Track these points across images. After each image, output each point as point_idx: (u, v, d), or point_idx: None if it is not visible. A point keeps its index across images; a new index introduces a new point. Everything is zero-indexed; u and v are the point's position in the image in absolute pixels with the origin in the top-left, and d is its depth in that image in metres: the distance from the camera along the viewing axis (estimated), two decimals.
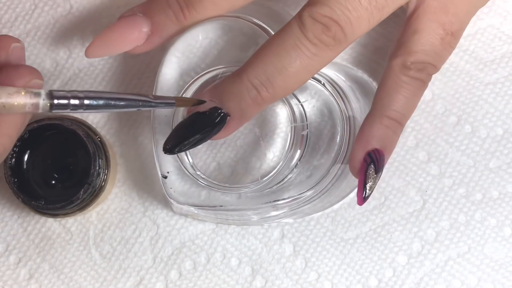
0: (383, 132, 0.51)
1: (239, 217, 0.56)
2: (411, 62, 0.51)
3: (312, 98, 0.56)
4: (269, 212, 0.55)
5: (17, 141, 0.54)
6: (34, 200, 0.54)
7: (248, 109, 0.50)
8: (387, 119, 0.51)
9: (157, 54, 0.58)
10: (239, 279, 0.58)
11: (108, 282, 0.58)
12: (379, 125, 0.51)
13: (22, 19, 0.59)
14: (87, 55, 0.52)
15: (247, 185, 0.56)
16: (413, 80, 0.51)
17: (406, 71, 0.51)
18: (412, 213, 0.58)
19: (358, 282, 0.57)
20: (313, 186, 0.54)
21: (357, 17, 0.49)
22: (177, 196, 0.55)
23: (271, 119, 0.57)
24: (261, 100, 0.49)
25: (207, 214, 0.55)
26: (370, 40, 0.58)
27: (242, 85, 0.49)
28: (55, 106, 0.45)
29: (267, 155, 0.57)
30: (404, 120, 0.52)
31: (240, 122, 0.51)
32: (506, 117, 0.58)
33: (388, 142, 0.52)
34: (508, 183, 0.57)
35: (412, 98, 0.52)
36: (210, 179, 0.56)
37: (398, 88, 0.51)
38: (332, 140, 0.56)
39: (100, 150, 0.55)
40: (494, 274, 0.57)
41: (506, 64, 0.58)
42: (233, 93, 0.49)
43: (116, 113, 0.58)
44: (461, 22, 0.52)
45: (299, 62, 0.48)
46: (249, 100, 0.49)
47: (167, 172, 0.55)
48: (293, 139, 0.56)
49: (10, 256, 0.58)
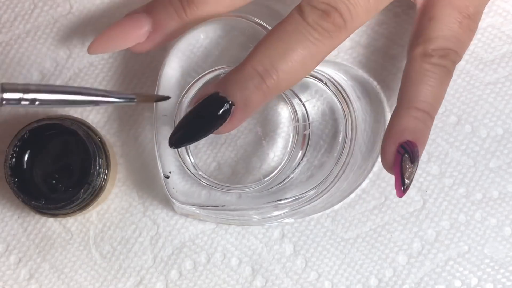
0: (413, 124, 0.50)
1: (241, 217, 0.56)
2: (432, 49, 0.50)
3: (313, 97, 0.56)
4: (270, 212, 0.55)
5: (17, 141, 0.54)
6: (34, 200, 0.54)
7: (253, 97, 0.49)
8: (416, 110, 0.50)
9: (158, 54, 0.58)
10: (239, 279, 0.58)
11: (108, 282, 0.58)
12: (408, 117, 0.50)
13: (22, 19, 0.59)
14: (89, 51, 0.53)
15: (249, 185, 0.56)
16: (437, 67, 0.50)
17: (428, 59, 0.50)
18: (412, 213, 0.58)
19: (358, 282, 0.58)
20: (315, 185, 0.54)
21: (355, 3, 0.49)
22: (179, 196, 0.55)
23: (273, 118, 0.57)
24: (265, 87, 0.49)
25: (209, 214, 0.55)
26: (370, 40, 0.58)
27: (245, 72, 0.49)
28: (6, 100, 0.43)
29: (269, 154, 0.57)
30: (433, 111, 0.51)
31: (245, 112, 0.49)
32: (506, 117, 0.58)
33: (420, 134, 0.50)
34: (508, 183, 0.57)
35: (438, 87, 0.50)
36: (211, 179, 0.56)
37: (423, 77, 0.50)
38: (334, 139, 0.56)
39: (100, 150, 0.55)
40: (494, 274, 0.57)
41: (506, 64, 0.58)
42: (237, 82, 0.49)
43: (117, 113, 0.58)
44: (477, 5, 0.51)
45: (302, 47, 0.48)
46: (253, 88, 0.49)
47: (169, 172, 0.55)
48: (295, 138, 0.56)
49: (10, 256, 0.58)
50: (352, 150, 0.55)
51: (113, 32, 0.53)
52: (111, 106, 0.58)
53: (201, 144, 0.57)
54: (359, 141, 0.55)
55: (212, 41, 0.55)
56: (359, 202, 0.58)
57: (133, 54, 0.58)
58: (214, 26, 0.54)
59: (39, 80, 0.58)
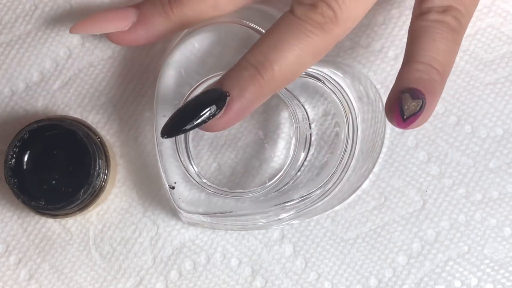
0: (416, 76, 0.48)
1: (248, 221, 0.55)
2: (428, 7, 0.49)
3: (313, 98, 0.56)
4: (277, 215, 0.55)
5: (17, 142, 0.54)
6: (34, 201, 0.54)
7: (248, 88, 0.48)
8: (418, 63, 0.48)
9: (157, 55, 0.58)
10: (239, 280, 0.58)
11: (108, 282, 0.58)
12: (410, 70, 0.48)
13: (23, 20, 0.59)
14: (71, 30, 0.54)
15: (255, 189, 0.56)
16: (436, 23, 0.49)
17: (425, 17, 0.49)
18: (412, 213, 0.58)
19: (358, 282, 0.57)
20: (321, 185, 0.54)
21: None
22: (186, 206, 0.55)
23: (273, 121, 0.57)
24: (261, 79, 0.48)
25: (217, 221, 0.55)
26: (370, 40, 0.58)
27: (240, 66, 0.49)
28: None
29: (272, 157, 0.57)
30: (438, 64, 0.48)
31: (241, 104, 0.48)
32: (506, 117, 0.58)
33: (426, 84, 0.48)
34: (508, 183, 0.57)
35: (442, 41, 0.49)
36: (216, 185, 0.56)
37: (423, 33, 0.49)
38: (336, 137, 0.56)
39: (100, 150, 0.55)
40: (494, 274, 0.57)
41: (506, 64, 0.58)
42: (232, 74, 0.49)
43: (117, 113, 0.58)
44: None
45: (294, 39, 0.48)
46: (248, 78, 0.48)
47: (174, 183, 0.55)
48: (297, 139, 0.56)
49: (10, 256, 0.58)
50: (354, 148, 0.55)
51: (98, 16, 0.54)
52: (111, 106, 0.58)
53: (203, 151, 0.58)
54: (360, 140, 0.55)
55: (207, 48, 0.55)
56: (358, 202, 0.58)
57: (133, 54, 0.58)
58: (207, 33, 0.54)
59: (39, 81, 0.58)
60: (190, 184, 0.55)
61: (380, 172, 0.57)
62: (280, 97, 0.57)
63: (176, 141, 0.55)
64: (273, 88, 0.49)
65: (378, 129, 0.56)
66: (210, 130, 0.49)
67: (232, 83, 0.49)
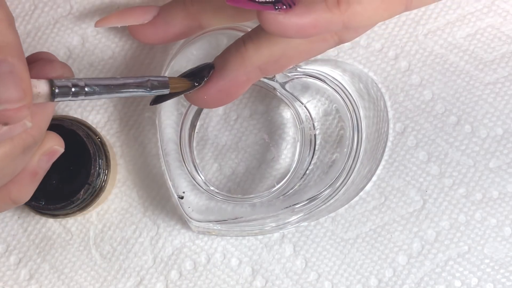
0: None
1: (258, 226, 0.55)
2: None
3: (314, 98, 0.56)
4: (287, 217, 0.54)
5: None
6: (34, 201, 0.54)
7: (231, 59, 0.49)
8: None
9: (157, 55, 0.58)
10: (239, 279, 0.58)
11: (108, 282, 0.58)
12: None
13: (22, 20, 0.59)
14: (96, 24, 0.55)
15: (264, 193, 0.56)
16: None
17: None
18: (412, 213, 0.58)
19: (358, 282, 0.58)
20: (330, 183, 0.54)
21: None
22: (195, 215, 0.54)
23: (278, 124, 0.57)
24: (244, 49, 0.48)
25: (227, 228, 0.55)
26: (370, 41, 0.58)
27: (232, 44, 0.49)
28: (57, 94, 0.44)
29: (279, 160, 0.57)
30: None
31: (220, 76, 0.49)
32: (506, 117, 0.58)
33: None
34: (508, 183, 0.57)
35: None
36: (225, 192, 0.56)
37: None
38: (342, 135, 0.56)
39: (100, 150, 0.55)
40: (494, 274, 0.57)
41: (506, 64, 0.58)
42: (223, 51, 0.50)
43: (117, 113, 0.58)
44: None
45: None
46: (233, 50, 0.49)
47: (183, 192, 0.55)
48: (303, 141, 0.56)
49: (10, 256, 0.58)
50: (360, 143, 0.54)
51: (123, 10, 0.55)
52: (111, 106, 0.58)
53: (208, 157, 0.58)
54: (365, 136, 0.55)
55: (206, 54, 0.55)
56: (359, 202, 0.58)
57: (133, 55, 0.58)
58: (204, 40, 0.54)
59: None
60: (199, 193, 0.55)
61: (380, 172, 0.57)
62: (282, 100, 0.57)
63: (182, 150, 0.55)
64: (256, 58, 0.48)
65: (382, 129, 0.56)
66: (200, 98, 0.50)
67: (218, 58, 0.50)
